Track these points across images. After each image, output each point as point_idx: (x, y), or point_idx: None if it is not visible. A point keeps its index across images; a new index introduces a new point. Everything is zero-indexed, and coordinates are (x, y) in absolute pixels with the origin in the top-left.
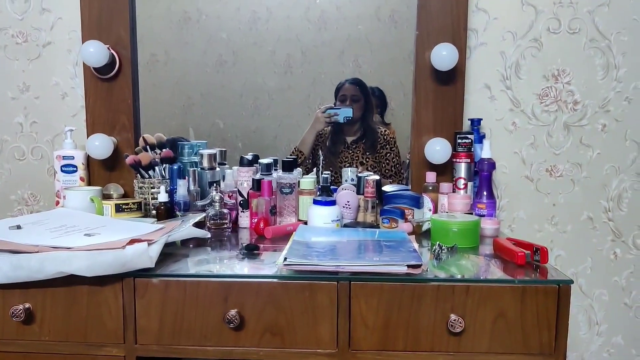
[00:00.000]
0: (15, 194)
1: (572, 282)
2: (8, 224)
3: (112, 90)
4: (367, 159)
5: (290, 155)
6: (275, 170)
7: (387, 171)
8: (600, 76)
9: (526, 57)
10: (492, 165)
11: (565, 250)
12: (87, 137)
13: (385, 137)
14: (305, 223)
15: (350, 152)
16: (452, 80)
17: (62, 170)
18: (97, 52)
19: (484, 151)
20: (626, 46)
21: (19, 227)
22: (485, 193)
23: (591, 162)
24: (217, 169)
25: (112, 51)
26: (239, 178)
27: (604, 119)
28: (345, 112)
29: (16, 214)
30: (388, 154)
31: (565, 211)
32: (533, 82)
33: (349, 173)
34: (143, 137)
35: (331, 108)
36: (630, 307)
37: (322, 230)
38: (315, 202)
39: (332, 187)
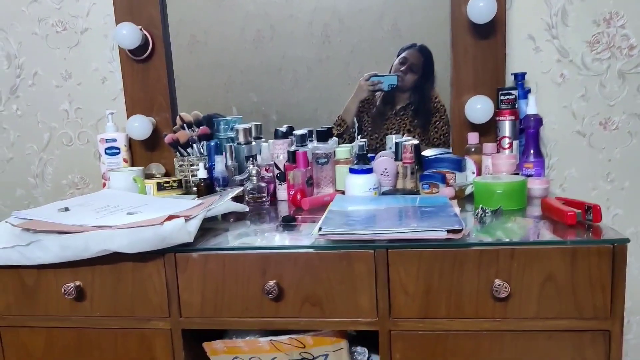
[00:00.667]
0: (66, 178)
1: (628, 240)
2: (57, 207)
3: (148, 71)
4: (415, 127)
5: (334, 124)
6: (311, 141)
7: (435, 139)
8: None
9: (574, 1)
10: (538, 121)
11: (623, 209)
12: (127, 119)
13: (435, 105)
14: (343, 193)
15: (398, 119)
16: (491, 33)
17: (106, 153)
18: (130, 34)
19: (530, 107)
20: None
21: (67, 209)
22: (532, 152)
23: None
24: (253, 143)
25: (145, 32)
26: (274, 151)
27: None
28: (389, 80)
29: (68, 197)
30: (437, 122)
31: (623, 166)
32: (582, 29)
33: (392, 140)
34: (180, 116)
35: (375, 75)
36: None
37: (360, 199)
38: (352, 170)
39: (369, 155)
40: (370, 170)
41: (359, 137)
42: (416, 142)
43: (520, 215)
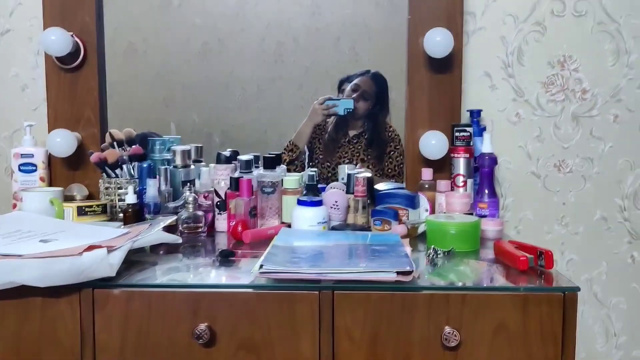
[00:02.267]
0: None
1: (578, 289)
2: None
3: (77, 82)
4: (369, 156)
5: (285, 149)
6: (257, 167)
7: (389, 170)
8: (610, 62)
9: (529, 42)
10: (493, 160)
11: (577, 254)
12: (49, 133)
13: (390, 134)
14: (289, 226)
15: (351, 147)
16: (448, 68)
17: (20, 170)
18: (59, 40)
19: (485, 145)
20: (637, 29)
21: None
22: (486, 191)
23: (603, 156)
24: (192, 166)
25: (77, 39)
26: (215, 176)
27: (616, 108)
28: (345, 104)
29: None
30: (392, 152)
31: (577, 211)
32: (537, 70)
33: (345, 170)
34: (110, 133)
35: (330, 99)
36: None
37: (307, 233)
38: (300, 202)
39: (320, 185)
40: (319, 203)
41: (310, 165)
42: (369, 174)
43: (473, 258)
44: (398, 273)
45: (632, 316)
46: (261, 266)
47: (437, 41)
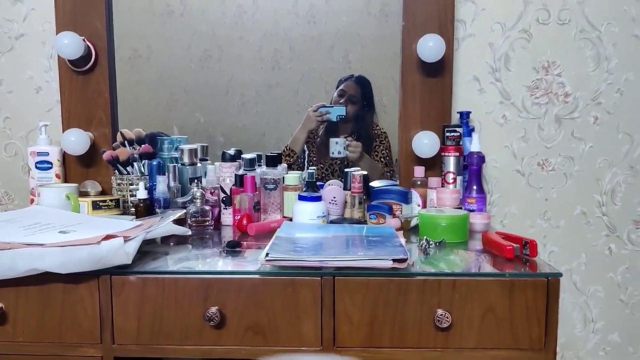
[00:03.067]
0: None
1: (561, 275)
2: None
3: (89, 84)
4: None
5: (282, 154)
6: (259, 165)
7: (377, 162)
8: (591, 68)
9: (515, 48)
10: (481, 158)
11: (558, 246)
12: (63, 133)
13: (376, 132)
14: (290, 220)
15: None
16: (439, 72)
17: (36, 167)
18: (71, 44)
19: (473, 145)
20: (617, 37)
21: None
22: (474, 187)
23: (583, 156)
24: (199, 164)
25: (88, 43)
26: (221, 174)
27: (596, 111)
28: (338, 111)
29: None
30: (377, 147)
31: (558, 206)
32: (523, 74)
33: (336, 145)
34: (121, 132)
35: (323, 106)
36: (627, 303)
37: (307, 226)
38: (301, 197)
39: (318, 183)
40: (319, 198)
41: (307, 163)
42: (364, 172)
43: (463, 248)
44: (394, 260)
45: (608, 303)
46: (267, 254)
47: (430, 47)
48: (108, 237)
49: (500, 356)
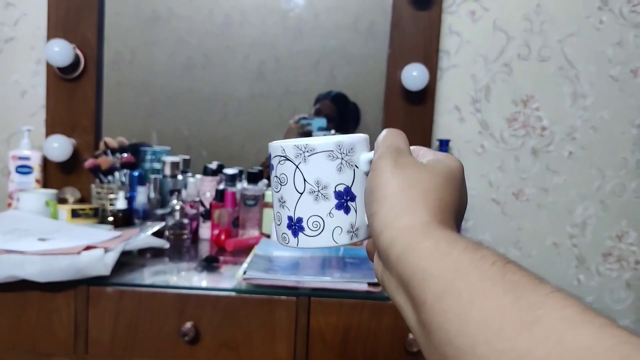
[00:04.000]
0: None
1: None
2: None
3: (75, 92)
4: None
5: (262, 166)
6: (240, 181)
7: None
8: (567, 104)
9: (496, 81)
10: None
11: None
12: (46, 138)
13: None
14: (269, 237)
15: None
16: (422, 100)
17: (17, 171)
18: (62, 52)
19: None
20: (593, 76)
21: None
22: None
23: (557, 188)
24: (180, 177)
25: (78, 51)
26: (201, 187)
27: (571, 146)
28: (318, 123)
29: None
30: None
31: (531, 236)
32: (502, 107)
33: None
34: (104, 141)
35: (304, 118)
36: None
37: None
38: None
39: None
40: None
41: None
42: None
43: None
44: (369, 284)
45: None
46: (245, 272)
47: (414, 76)
48: (88, 248)
49: None
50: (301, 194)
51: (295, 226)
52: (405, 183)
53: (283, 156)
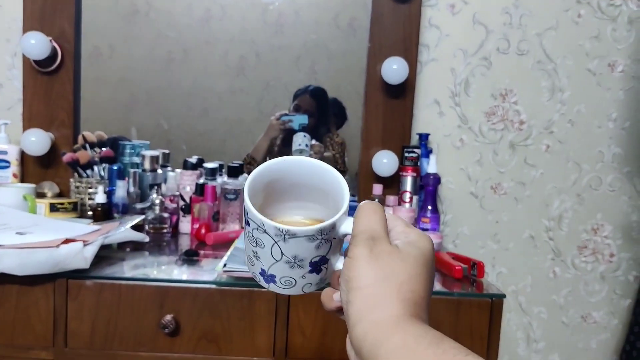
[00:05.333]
0: None
1: (504, 296)
2: None
3: (53, 85)
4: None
5: (244, 162)
6: (220, 175)
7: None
8: (545, 98)
9: (476, 75)
10: (437, 180)
11: (506, 268)
12: (23, 132)
13: (331, 141)
14: None
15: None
16: (402, 94)
17: None
18: (38, 45)
19: (430, 166)
20: (571, 70)
21: None
22: (429, 207)
23: (534, 181)
24: (159, 171)
25: (55, 44)
26: (181, 182)
27: (548, 139)
28: (300, 120)
29: None
30: (335, 155)
31: (508, 229)
32: (481, 100)
33: (303, 138)
34: (83, 135)
35: (286, 115)
36: (567, 325)
37: None
38: None
39: None
40: None
41: None
42: None
43: None
44: None
45: (550, 324)
46: (225, 265)
47: (394, 69)
48: (67, 241)
49: None
50: (277, 261)
51: (267, 277)
52: (380, 275)
53: (262, 228)
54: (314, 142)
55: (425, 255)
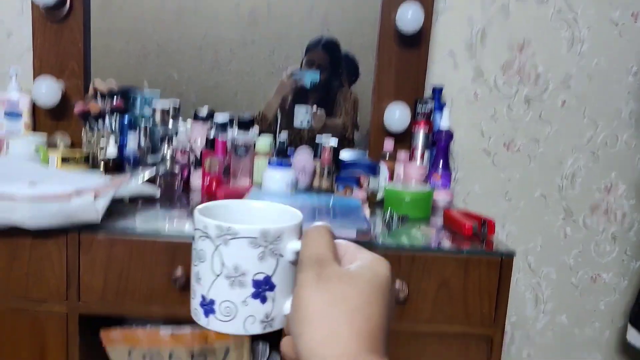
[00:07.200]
0: None
1: (514, 254)
2: None
3: (62, 33)
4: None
5: (255, 120)
6: (231, 128)
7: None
8: (564, 49)
9: (493, 24)
10: (449, 135)
11: (517, 227)
12: (34, 81)
13: (344, 98)
14: (260, 186)
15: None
16: (416, 44)
17: (5, 116)
18: None
19: (443, 121)
20: (592, 20)
21: None
22: (441, 164)
23: (548, 138)
24: (170, 124)
25: None
26: (192, 134)
27: (564, 94)
28: (311, 77)
29: None
30: (346, 110)
31: (520, 187)
32: (498, 52)
33: (305, 114)
34: (94, 84)
35: (297, 72)
36: (577, 286)
37: (276, 194)
38: (271, 164)
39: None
40: (288, 166)
41: (279, 128)
42: (334, 144)
43: (425, 224)
44: (357, 231)
45: (559, 285)
46: None
47: (409, 16)
48: (79, 193)
49: (452, 330)
50: (217, 276)
51: (207, 307)
52: (328, 300)
53: (205, 233)
54: (318, 111)
55: (380, 279)
